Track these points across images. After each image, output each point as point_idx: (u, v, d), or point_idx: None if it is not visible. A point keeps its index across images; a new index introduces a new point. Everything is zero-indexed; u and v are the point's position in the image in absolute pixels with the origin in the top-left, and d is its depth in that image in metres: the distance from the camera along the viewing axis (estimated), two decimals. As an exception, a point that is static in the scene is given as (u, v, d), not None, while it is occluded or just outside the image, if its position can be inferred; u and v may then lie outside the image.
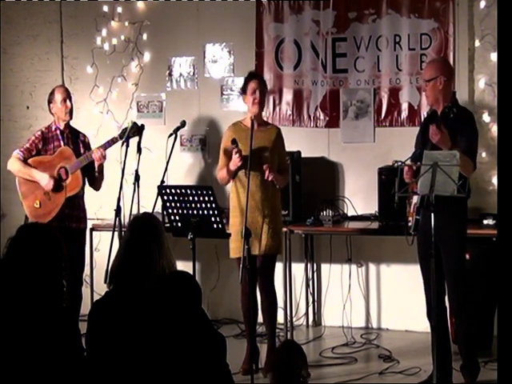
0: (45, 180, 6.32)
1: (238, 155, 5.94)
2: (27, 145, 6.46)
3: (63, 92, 6.51)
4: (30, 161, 6.41)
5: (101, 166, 6.41)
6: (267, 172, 5.91)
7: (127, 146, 6.29)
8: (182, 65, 7.65)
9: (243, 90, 6.15)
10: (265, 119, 6.49)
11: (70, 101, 6.50)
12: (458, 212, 5.48)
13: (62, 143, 6.46)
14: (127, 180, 6.27)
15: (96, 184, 6.54)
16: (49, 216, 6.31)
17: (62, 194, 6.34)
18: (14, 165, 6.44)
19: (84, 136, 6.64)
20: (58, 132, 6.48)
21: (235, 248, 6.03)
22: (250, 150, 5.83)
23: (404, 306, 6.98)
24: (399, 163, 5.37)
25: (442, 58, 6.49)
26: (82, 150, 6.48)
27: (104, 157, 6.35)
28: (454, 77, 5.93)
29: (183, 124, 6.57)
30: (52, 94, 6.52)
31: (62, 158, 6.40)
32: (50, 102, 6.51)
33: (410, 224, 5.60)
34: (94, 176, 6.46)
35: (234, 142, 6.00)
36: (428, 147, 5.34)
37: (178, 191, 5.61)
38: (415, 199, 5.49)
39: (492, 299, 6.20)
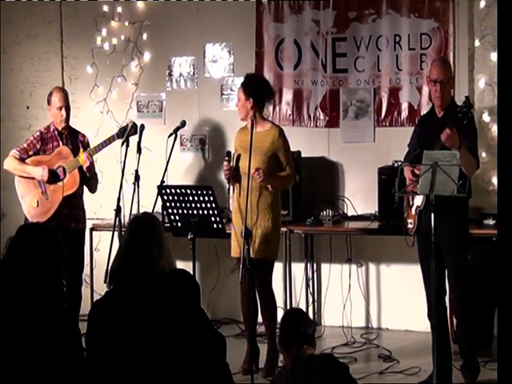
0: (39, 172, 6.32)
1: (225, 168, 6.01)
2: (25, 144, 6.46)
3: (60, 99, 6.43)
4: (28, 160, 6.41)
5: (91, 169, 6.37)
6: (255, 175, 5.87)
7: (127, 145, 6.30)
8: (181, 65, 7.65)
9: None
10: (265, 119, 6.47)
11: (67, 109, 6.44)
12: (460, 212, 5.48)
13: (60, 143, 6.46)
14: (127, 180, 6.28)
15: (90, 187, 6.53)
16: (46, 215, 6.31)
17: (60, 192, 6.33)
18: (9, 163, 6.45)
19: (83, 136, 6.64)
20: (57, 133, 6.48)
21: (234, 248, 6.08)
22: (250, 151, 5.83)
23: (404, 305, 6.97)
24: (399, 163, 5.37)
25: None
26: (81, 150, 6.47)
27: (89, 159, 6.31)
28: None
29: (183, 124, 6.58)
30: (50, 95, 6.50)
31: (60, 158, 6.40)
32: (47, 102, 6.51)
33: (410, 226, 5.60)
34: (87, 179, 6.45)
35: (227, 154, 6.09)
36: (438, 147, 5.32)
37: (178, 191, 5.62)
38: (418, 202, 5.47)
39: (492, 299, 6.19)
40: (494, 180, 6.66)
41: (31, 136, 6.54)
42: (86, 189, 6.56)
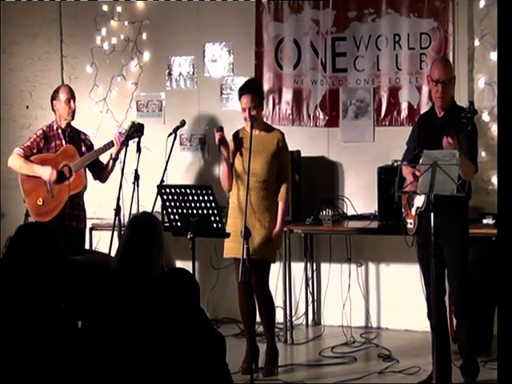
0: (47, 172, 6.30)
1: (218, 133, 5.99)
2: (28, 143, 6.45)
3: (68, 92, 6.47)
4: (32, 158, 6.38)
5: (119, 153, 6.35)
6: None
7: (126, 145, 6.30)
8: (181, 64, 7.65)
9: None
10: (265, 121, 6.45)
11: (74, 102, 6.49)
12: (460, 212, 5.47)
13: (63, 142, 6.46)
14: (127, 179, 6.28)
15: (104, 175, 6.49)
16: (51, 214, 6.29)
17: (65, 191, 6.33)
18: (15, 161, 6.42)
19: (85, 135, 6.64)
20: (60, 131, 6.48)
21: (229, 248, 6.05)
22: (250, 152, 5.82)
23: (404, 305, 6.97)
24: (399, 163, 5.36)
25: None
26: (83, 149, 6.48)
27: (120, 140, 6.32)
28: None
29: (183, 123, 6.56)
30: (57, 91, 6.51)
31: (66, 156, 6.39)
32: (53, 99, 6.50)
33: (410, 226, 5.59)
34: (102, 167, 6.44)
35: (220, 127, 6.07)
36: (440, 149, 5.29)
37: (178, 191, 5.61)
38: (419, 203, 5.46)
39: (492, 299, 6.20)
40: (494, 180, 6.67)
41: (34, 134, 6.52)
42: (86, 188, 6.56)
